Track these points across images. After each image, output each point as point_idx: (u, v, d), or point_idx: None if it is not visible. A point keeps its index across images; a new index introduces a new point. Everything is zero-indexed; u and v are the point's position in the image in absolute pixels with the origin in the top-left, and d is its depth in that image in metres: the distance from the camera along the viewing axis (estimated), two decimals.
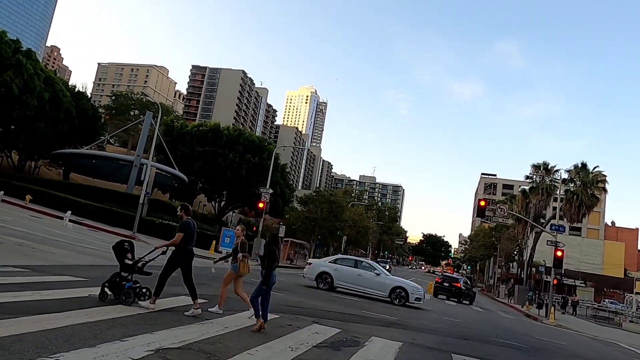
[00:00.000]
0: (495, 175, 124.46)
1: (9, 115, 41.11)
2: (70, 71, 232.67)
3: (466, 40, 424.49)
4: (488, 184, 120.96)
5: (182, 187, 52.00)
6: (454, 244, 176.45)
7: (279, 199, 56.50)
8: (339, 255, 27.19)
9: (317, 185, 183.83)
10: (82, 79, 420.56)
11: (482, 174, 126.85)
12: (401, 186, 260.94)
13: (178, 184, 50.36)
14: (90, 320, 6.45)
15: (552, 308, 29.43)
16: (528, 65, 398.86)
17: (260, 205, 34.58)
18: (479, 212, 31.38)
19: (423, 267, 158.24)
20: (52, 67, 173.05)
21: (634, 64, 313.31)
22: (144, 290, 8.47)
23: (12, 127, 45.11)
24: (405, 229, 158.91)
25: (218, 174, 53.04)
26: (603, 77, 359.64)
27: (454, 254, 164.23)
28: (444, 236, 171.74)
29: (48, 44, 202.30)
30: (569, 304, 46.47)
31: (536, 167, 47.73)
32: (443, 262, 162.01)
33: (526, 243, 50.71)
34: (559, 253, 28.75)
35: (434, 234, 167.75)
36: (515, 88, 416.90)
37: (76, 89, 59.58)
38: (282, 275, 25.11)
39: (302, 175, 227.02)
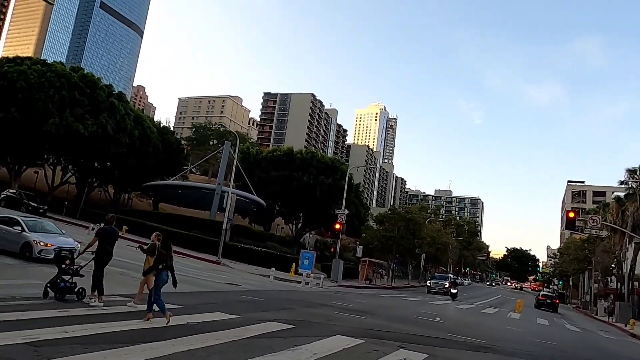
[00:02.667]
0: (583, 182, 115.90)
1: (105, 153, 45.11)
2: (155, 107, 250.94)
3: (539, 41, 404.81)
4: (576, 192, 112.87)
5: (261, 211, 53.78)
6: (542, 257, 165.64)
7: (354, 218, 56.56)
8: None
9: (392, 203, 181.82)
10: (165, 113, 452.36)
11: (569, 181, 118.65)
12: (479, 199, 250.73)
13: (256, 208, 52.17)
14: (192, 347, 6.95)
15: None
16: (610, 62, 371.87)
17: (337, 226, 34.92)
18: (568, 224, 29.44)
19: (509, 283, 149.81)
20: (139, 105, 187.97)
21: None
22: (79, 289, 10.03)
23: (108, 163, 49.43)
24: (487, 244, 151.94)
25: (293, 197, 54.31)
26: None
27: (542, 268, 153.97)
28: (529, 250, 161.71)
29: (134, 84, 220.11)
30: None
31: (631, 172, 43.94)
32: (531, 278, 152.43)
33: (625, 255, 46.53)
34: None
35: (518, 248, 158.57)
36: (598, 87, 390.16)
37: (161, 125, 64.17)
38: (362, 296, 25.12)
39: (375, 193, 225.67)
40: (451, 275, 50.62)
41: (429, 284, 43.90)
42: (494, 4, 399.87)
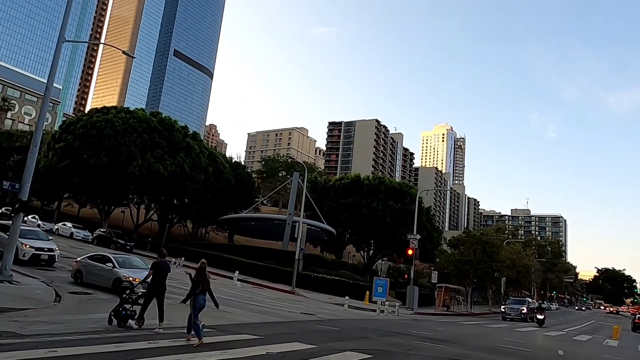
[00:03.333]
0: None
1: (183, 190, 47.77)
2: (226, 144, 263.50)
3: (616, 45, 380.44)
4: None
5: (331, 239, 54.00)
6: (639, 278, 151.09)
7: (427, 243, 55.14)
8: None
9: (465, 225, 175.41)
10: (236, 149, 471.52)
11: None
12: (562, 217, 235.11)
13: (327, 236, 52.48)
14: None
15: None
16: None
17: (409, 252, 34.27)
18: None
19: (602, 307, 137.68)
20: (212, 143, 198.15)
21: None
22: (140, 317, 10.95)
23: (186, 200, 52.21)
24: (574, 265, 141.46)
25: (363, 224, 54.06)
26: None
27: None
28: (624, 270, 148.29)
29: (207, 123, 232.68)
30: None
31: None
32: (628, 300, 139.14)
33: None
34: None
35: (610, 268, 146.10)
36: None
37: (233, 160, 67.06)
38: (440, 324, 24.26)
39: (447, 215, 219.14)
40: (529, 300, 45.41)
41: (503, 309, 39.78)
42: (563, 13, 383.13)
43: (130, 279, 16.65)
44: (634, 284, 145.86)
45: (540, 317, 32.76)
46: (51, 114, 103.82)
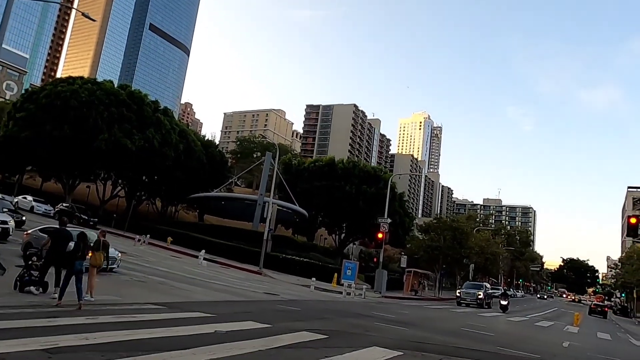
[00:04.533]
0: None
1: (152, 166, 46.41)
2: (202, 123, 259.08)
3: (593, 43, 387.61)
4: (637, 199, 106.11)
5: (303, 221, 53.61)
6: (601, 268, 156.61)
7: (399, 228, 55.38)
8: None
9: (438, 213, 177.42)
10: (212, 129, 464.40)
11: (629, 187, 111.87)
12: (531, 207, 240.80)
13: (299, 219, 52.06)
14: (213, 357, 6.57)
15: None
16: None
17: (380, 235, 34.11)
18: (630, 230, 27.23)
19: (564, 296, 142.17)
20: (186, 121, 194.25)
21: None
22: (43, 282, 10.85)
23: (156, 177, 50.83)
24: (541, 254, 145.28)
25: (336, 207, 53.80)
26: None
27: (602, 279, 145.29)
28: (587, 260, 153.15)
29: (182, 101, 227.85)
30: None
31: None
32: (590, 290, 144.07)
33: None
34: None
35: (575, 258, 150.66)
36: None
37: (205, 138, 65.61)
38: (405, 307, 24.19)
39: (421, 203, 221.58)
40: (487, 285, 41.90)
41: (458, 294, 36.29)
42: (544, 8, 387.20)
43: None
44: (596, 274, 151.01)
45: (504, 302, 33.17)
46: (17, 83, 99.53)
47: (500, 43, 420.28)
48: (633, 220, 27.49)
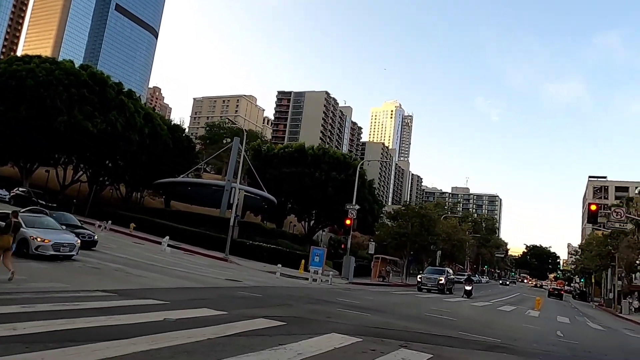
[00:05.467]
0: (605, 177, 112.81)
1: (115, 150, 44.91)
2: (171, 108, 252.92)
3: (559, 37, 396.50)
4: (597, 188, 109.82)
5: (272, 208, 53.08)
6: (562, 255, 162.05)
7: (368, 215, 55.57)
8: None
9: (407, 200, 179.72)
10: (181, 114, 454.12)
11: (590, 177, 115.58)
12: (498, 196, 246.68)
13: (268, 205, 51.49)
14: (155, 347, 6.09)
15: None
16: (633, 57, 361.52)
17: (347, 222, 33.97)
18: (590, 217, 28.05)
19: (526, 281, 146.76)
20: (155, 106, 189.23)
21: None
22: None
23: (119, 162, 49.25)
24: (506, 241, 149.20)
25: (305, 194, 53.49)
26: None
27: (563, 265, 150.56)
28: (550, 247, 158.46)
29: (150, 85, 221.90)
30: None
31: None
32: (551, 276, 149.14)
33: None
34: None
35: (538, 245, 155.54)
36: (622, 83, 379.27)
37: (172, 123, 63.92)
38: (371, 293, 24.13)
39: (391, 190, 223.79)
40: (449, 270, 40.87)
41: (419, 279, 34.82)
42: (515, 1, 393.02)
43: (39, 239, 15.00)
44: (558, 260, 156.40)
45: (468, 288, 33.65)
46: None
47: (470, 34, 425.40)
48: (593, 208, 28.26)
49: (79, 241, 16.77)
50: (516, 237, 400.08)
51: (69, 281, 11.70)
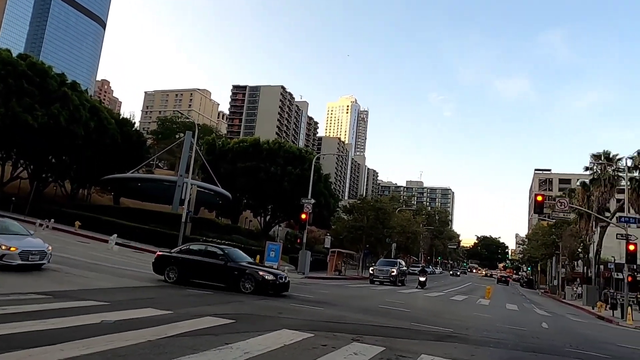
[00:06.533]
0: (549, 170, 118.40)
1: (59, 145, 42.56)
2: (121, 102, 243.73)
3: (507, 35, 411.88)
4: (543, 180, 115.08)
5: (227, 203, 52.07)
6: (511, 245, 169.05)
7: (324, 209, 55.54)
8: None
9: (363, 194, 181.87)
10: (132, 108, 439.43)
11: (536, 169, 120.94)
12: (450, 189, 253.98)
13: (222, 201, 50.45)
14: (86, 352, 5.60)
15: (629, 308, 26.61)
16: (575, 55, 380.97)
17: (303, 216, 33.67)
18: (537, 207, 29.08)
19: (475, 271, 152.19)
20: (103, 99, 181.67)
21: None
22: None
23: (64, 157, 46.77)
24: (458, 233, 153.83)
25: (261, 189, 52.81)
26: None
27: (511, 255, 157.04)
28: (499, 237, 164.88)
29: (98, 78, 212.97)
30: None
31: (596, 157, 44.40)
32: (501, 265, 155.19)
33: (591, 239, 47.04)
34: (631, 247, 26.10)
35: (488, 236, 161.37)
36: (565, 79, 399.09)
37: (120, 117, 61.44)
38: (326, 287, 24.02)
39: (347, 185, 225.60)
40: (401, 262, 40.91)
41: (371, 271, 34.87)
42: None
43: (3, 247, 12.67)
44: (506, 250, 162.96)
45: (422, 279, 34.23)
46: None
47: (423, 31, 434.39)
48: (539, 198, 29.28)
49: (50, 247, 14.32)
50: (468, 228, 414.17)
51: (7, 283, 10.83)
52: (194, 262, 15.58)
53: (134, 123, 66.36)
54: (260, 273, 15.04)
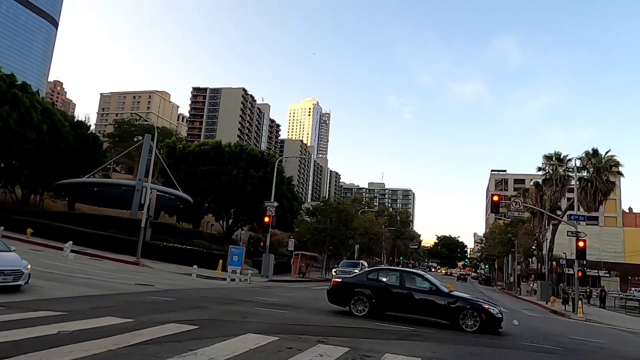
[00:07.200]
0: (505, 171, 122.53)
1: (8, 149, 40.69)
2: (75, 104, 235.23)
3: (463, 39, 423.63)
4: (499, 180, 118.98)
5: (188, 208, 51.15)
6: (470, 244, 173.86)
7: (287, 212, 55.41)
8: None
9: (326, 196, 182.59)
10: (87, 110, 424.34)
11: (492, 170, 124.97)
12: (411, 190, 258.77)
13: (183, 205, 49.52)
14: None
15: (580, 302, 27.97)
16: (528, 59, 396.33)
17: (266, 219, 33.60)
18: (493, 207, 30.10)
19: (434, 269, 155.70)
20: (56, 101, 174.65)
21: (636, 46, 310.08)
22: None
23: (14, 161, 44.73)
24: (419, 233, 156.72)
25: (223, 192, 52.15)
26: (608, 63, 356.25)
27: (470, 254, 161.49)
28: (458, 237, 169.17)
29: (51, 79, 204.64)
30: (597, 296, 44.64)
31: (548, 158, 46.40)
32: (460, 263, 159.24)
33: (544, 236, 49.09)
34: (580, 244, 27.45)
35: (448, 236, 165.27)
36: (518, 83, 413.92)
37: (75, 119, 59.36)
38: (290, 290, 24.05)
39: (310, 187, 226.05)
40: (363, 262, 40.91)
41: (334, 273, 34.11)
42: (423, 2, 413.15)
43: None
44: (465, 249, 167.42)
45: None
46: None
47: (382, 34, 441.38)
48: (495, 198, 30.33)
49: (29, 265, 12.93)
50: (428, 228, 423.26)
51: None
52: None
53: (90, 126, 64.10)
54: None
